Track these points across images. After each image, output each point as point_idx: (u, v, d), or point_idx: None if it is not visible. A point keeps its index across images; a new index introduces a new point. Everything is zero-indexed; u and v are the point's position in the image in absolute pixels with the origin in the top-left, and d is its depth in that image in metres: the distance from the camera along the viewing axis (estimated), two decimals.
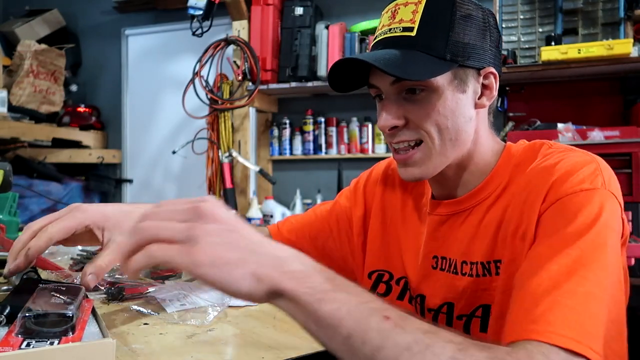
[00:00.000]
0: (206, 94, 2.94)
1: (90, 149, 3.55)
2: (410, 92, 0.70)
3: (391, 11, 0.72)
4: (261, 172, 2.86)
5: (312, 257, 0.49)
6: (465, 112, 0.72)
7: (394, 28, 0.70)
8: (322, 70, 2.81)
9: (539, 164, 0.69)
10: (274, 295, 0.46)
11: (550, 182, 0.63)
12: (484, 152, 0.76)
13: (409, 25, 0.69)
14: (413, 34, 0.68)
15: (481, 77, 0.73)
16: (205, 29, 2.81)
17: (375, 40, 0.74)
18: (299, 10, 2.89)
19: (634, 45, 2.20)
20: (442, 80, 0.69)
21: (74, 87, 3.68)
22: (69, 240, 0.73)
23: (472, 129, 0.74)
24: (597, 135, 2.15)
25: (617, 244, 0.60)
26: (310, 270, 0.48)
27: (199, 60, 2.92)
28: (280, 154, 3.15)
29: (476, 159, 0.76)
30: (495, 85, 0.74)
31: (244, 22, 2.97)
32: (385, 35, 0.71)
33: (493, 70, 0.74)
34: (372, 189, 0.96)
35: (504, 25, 2.50)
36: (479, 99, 0.74)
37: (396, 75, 0.66)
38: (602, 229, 0.58)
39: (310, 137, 3.06)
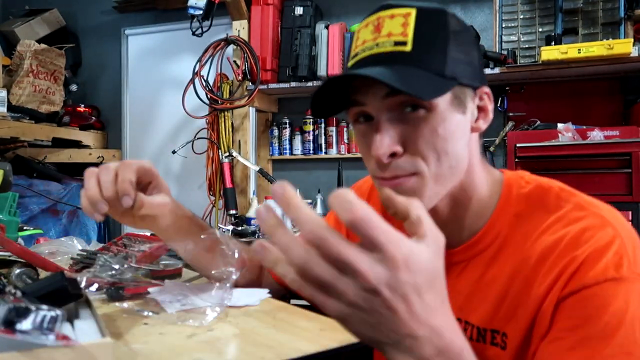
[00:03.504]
0: (206, 94, 2.94)
1: (90, 148, 3.55)
2: (410, 109, 0.61)
3: (373, 25, 0.62)
4: (261, 172, 2.86)
5: None
6: (464, 136, 0.64)
7: (383, 43, 0.61)
8: (322, 70, 2.81)
9: (554, 230, 0.62)
10: None
11: (573, 267, 0.58)
12: (479, 185, 0.69)
13: (400, 39, 0.60)
14: (407, 48, 0.59)
15: (477, 98, 0.66)
16: (205, 29, 2.81)
17: (359, 57, 0.63)
18: (299, 10, 2.89)
19: (634, 45, 2.20)
20: (442, 99, 0.61)
21: (74, 87, 3.68)
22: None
23: (467, 156, 0.66)
24: (597, 135, 2.15)
25: None
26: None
27: (199, 60, 2.92)
28: (280, 154, 3.15)
29: (470, 193, 0.68)
30: (490, 106, 0.67)
31: (244, 22, 2.97)
32: (372, 51, 0.61)
33: (487, 90, 0.67)
34: None
35: (504, 25, 2.50)
36: (475, 121, 0.66)
37: (407, 91, 0.56)
38: (629, 330, 0.54)
39: (310, 137, 3.06)
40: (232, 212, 2.86)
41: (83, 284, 0.80)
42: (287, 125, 3.11)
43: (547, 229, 0.63)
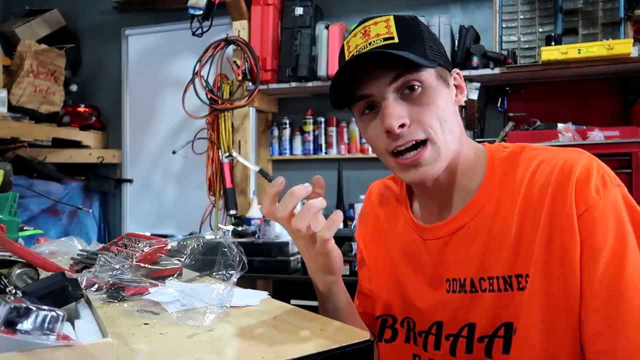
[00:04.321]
0: (206, 94, 2.94)
1: (90, 149, 3.55)
2: (409, 89, 0.73)
3: (361, 32, 0.75)
4: (261, 172, 2.86)
5: None
6: (454, 106, 0.78)
7: (374, 41, 0.73)
8: (322, 70, 2.81)
9: (542, 169, 0.72)
10: None
11: (570, 194, 0.67)
12: (467, 150, 0.80)
13: (388, 35, 0.73)
14: (396, 40, 0.72)
15: (452, 78, 0.80)
16: (205, 29, 2.81)
17: (353, 58, 0.75)
18: (299, 10, 2.89)
19: (634, 45, 2.20)
20: (432, 77, 0.74)
21: (74, 87, 3.68)
22: None
23: (458, 124, 0.78)
24: (597, 135, 2.15)
25: None
26: None
27: (199, 60, 2.92)
28: (280, 154, 3.15)
29: (463, 157, 0.79)
30: (463, 84, 0.81)
31: (244, 22, 2.97)
32: (367, 49, 0.73)
33: (458, 71, 0.81)
34: (367, 226, 0.96)
35: (504, 25, 2.50)
36: (456, 96, 0.80)
37: (413, 59, 0.69)
38: (635, 227, 0.66)
39: (310, 137, 3.06)
40: (232, 212, 2.86)
41: (83, 284, 0.80)
42: (287, 126, 3.12)
43: (536, 170, 0.73)
